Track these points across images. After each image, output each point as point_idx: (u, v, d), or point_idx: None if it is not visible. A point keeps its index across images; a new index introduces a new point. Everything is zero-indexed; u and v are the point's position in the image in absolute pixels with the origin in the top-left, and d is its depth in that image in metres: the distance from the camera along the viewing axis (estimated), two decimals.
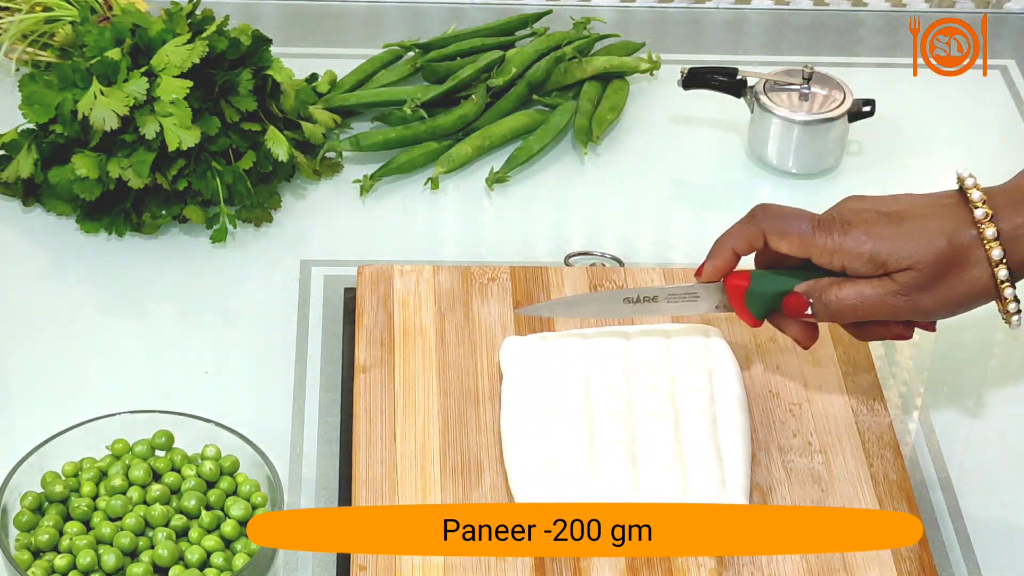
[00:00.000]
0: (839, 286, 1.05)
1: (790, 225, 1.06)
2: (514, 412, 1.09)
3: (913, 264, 1.02)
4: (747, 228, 1.08)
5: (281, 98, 1.35)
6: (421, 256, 1.30)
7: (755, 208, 1.08)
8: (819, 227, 1.05)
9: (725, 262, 1.09)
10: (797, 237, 1.05)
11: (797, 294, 1.06)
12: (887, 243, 1.03)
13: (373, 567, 1.01)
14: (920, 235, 1.02)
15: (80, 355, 1.20)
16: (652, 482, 1.05)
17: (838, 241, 1.04)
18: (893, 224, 1.03)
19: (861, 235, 1.03)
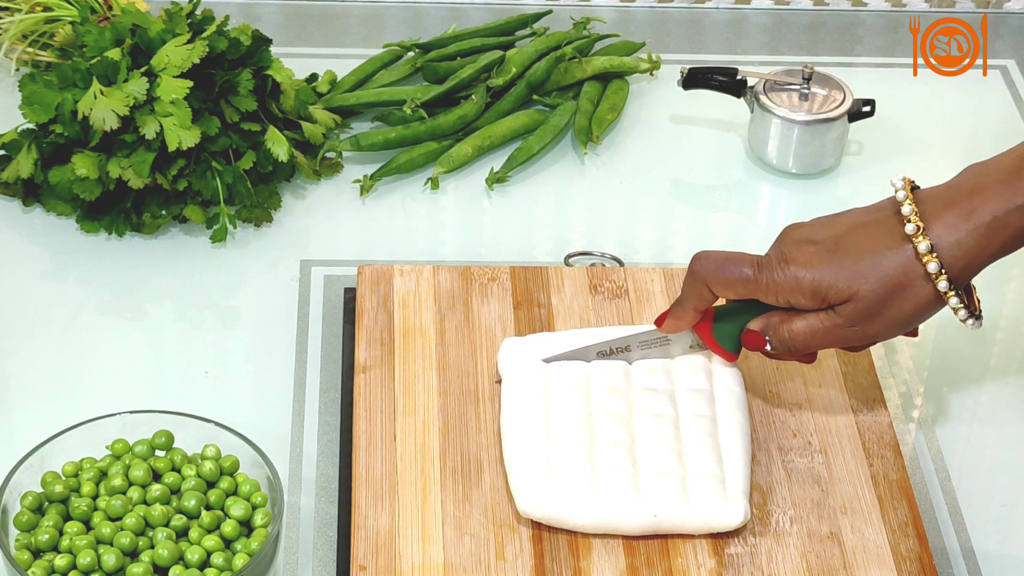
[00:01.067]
0: (790, 321, 1.05)
1: (730, 272, 1.05)
2: (514, 413, 1.09)
3: (852, 296, 1.02)
4: (693, 286, 1.07)
5: (281, 98, 1.35)
6: (421, 256, 1.30)
7: (692, 261, 1.07)
8: (759, 269, 1.04)
9: (686, 320, 1.09)
10: (740, 283, 1.05)
11: (753, 331, 1.07)
12: (825, 275, 1.02)
13: (373, 567, 1.01)
14: (856, 262, 1.02)
15: (80, 355, 1.20)
16: (652, 482, 1.05)
17: (778, 280, 1.03)
18: (828, 252, 1.03)
19: (799, 270, 1.03)
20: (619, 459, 1.06)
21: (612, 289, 1.21)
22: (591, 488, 1.05)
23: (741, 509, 1.04)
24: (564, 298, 1.20)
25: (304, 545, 1.08)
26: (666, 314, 1.10)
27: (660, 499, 1.04)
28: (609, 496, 1.04)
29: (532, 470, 1.05)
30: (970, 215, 1.01)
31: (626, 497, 1.04)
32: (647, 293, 1.21)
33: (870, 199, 1.39)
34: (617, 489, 1.04)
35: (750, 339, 1.07)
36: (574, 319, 1.18)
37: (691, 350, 1.12)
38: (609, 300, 1.20)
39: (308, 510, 1.10)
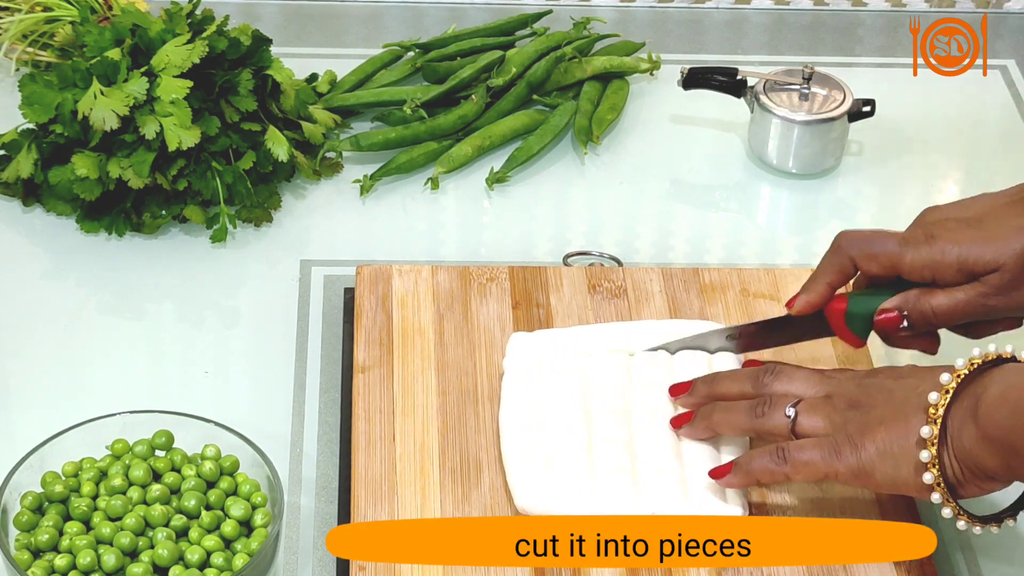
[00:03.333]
0: (930, 295, 1.06)
1: (877, 247, 1.07)
2: (513, 409, 1.09)
3: (999, 266, 1.03)
4: (835, 259, 1.09)
5: (281, 98, 1.35)
6: (421, 256, 1.30)
7: (838, 237, 1.09)
8: (905, 244, 1.06)
9: (820, 296, 1.10)
10: (886, 257, 1.07)
11: (888, 309, 1.07)
12: (972, 249, 1.04)
13: (373, 567, 1.01)
14: (1003, 235, 1.04)
15: (80, 355, 1.20)
16: (650, 480, 1.05)
17: (925, 254, 1.05)
18: (973, 229, 1.05)
19: (946, 244, 1.05)
20: (617, 456, 1.06)
21: (611, 289, 1.21)
22: (589, 485, 1.05)
23: (739, 505, 1.04)
24: (563, 298, 1.20)
25: (304, 545, 1.08)
26: (797, 296, 1.10)
27: (658, 496, 1.04)
28: (607, 493, 1.04)
29: (530, 467, 1.05)
30: None
31: (624, 494, 1.04)
32: (646, 293, 1.21)
33: (870, 199, 1.40)
34: (615, 486, 1.04)
35: (886, 318, 1.07)
36: (572, 319, 1.18)
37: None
38: (608, 300, 1.20)
39: (308, 510, 1.10)
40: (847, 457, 0.99)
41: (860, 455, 0.99)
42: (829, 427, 1.01)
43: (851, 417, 1.00)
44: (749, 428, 1.05)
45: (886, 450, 0.98)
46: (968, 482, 0.97)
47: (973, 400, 0.96)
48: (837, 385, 1.03)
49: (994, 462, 0.95)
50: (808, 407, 1.03)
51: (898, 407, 0.99)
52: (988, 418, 0.94)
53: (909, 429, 0.98)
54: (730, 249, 1.34)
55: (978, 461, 0.96)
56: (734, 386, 1.08)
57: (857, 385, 1.02)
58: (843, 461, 0.99)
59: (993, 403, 0.94)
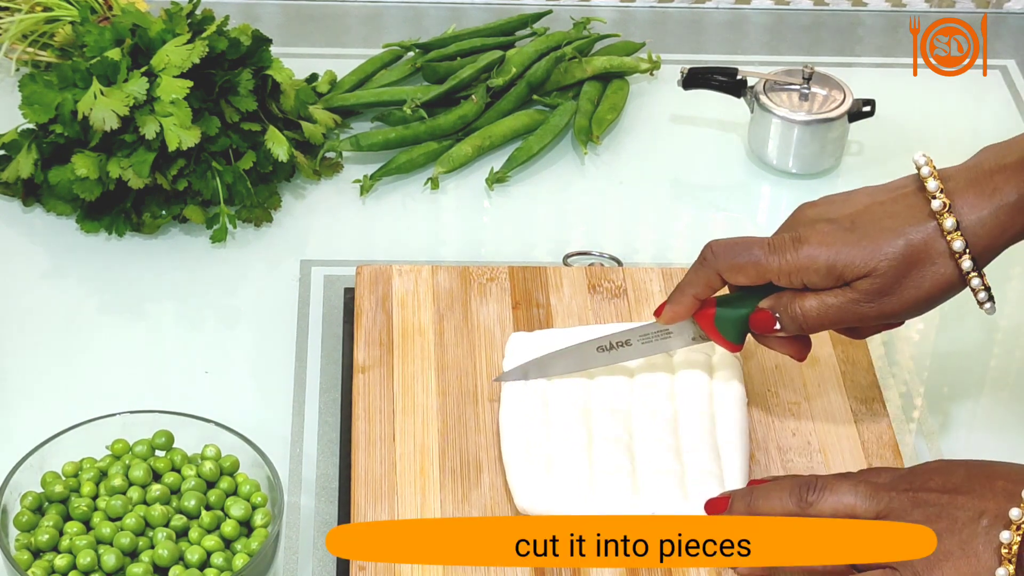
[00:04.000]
0: (802, 298, 1.03)
1: (742, 257, 1.04)
2: (513, 408, 1.09)
3: (870, 271, 1.00)
4: (701, 272, 1.06)
5: (281, 98, 1.35)
6: (421, 256, 1.30)
7: (704, 249, 1.06)
8: (771, 251, 1.03)
9: (685, 308, 1.07)
10: (752, 267, 1.03)
11: (763, 310, 1.05)
12: (841, 254, 1.00)
13: (372, 567, 1.01)
14: (875, 239, 1.00)
15: (80, 355, 1.21)
16: (650, 480, 1.05)
17: (791, 261, 1.02)
18: (845, 231, 1.01)
19: (813, 249, 1.01)
20: (617, 456, 1.06)
21: (611, 289, 1.21)
22: (589, 485, 1.05)
23: None
24: (563, 298, 1.20)
25: (304, 545, 1.08)
26: (665, 304, 1.08)
27: (658, 496, 1.04)
28: (607, 493, 1.04)
29: (530, 467, 1.05)
30: (993, 193, 0.99)
31: (624, 494, 1.04)
32: (646, 293, 1.21)
33: None
34: (615, 486, 1.04)
35: (759, 319, 1.05)
36: (572, 319, 1.18)
37: (693, 342, 1.10)
38: (608, 300, 1.20)
39: (308, 510, 1.10)
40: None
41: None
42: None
43: None
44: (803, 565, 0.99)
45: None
46: None
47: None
48: (891, 503, 0.96)
49: None
50: None
51: (963, 540, 0.93)
52: None
53: (980, 567, 0.92)
54: None
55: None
56: (777, 505, 1.00)
57: (913, 503, 0.95)
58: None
59: None
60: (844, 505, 0.97)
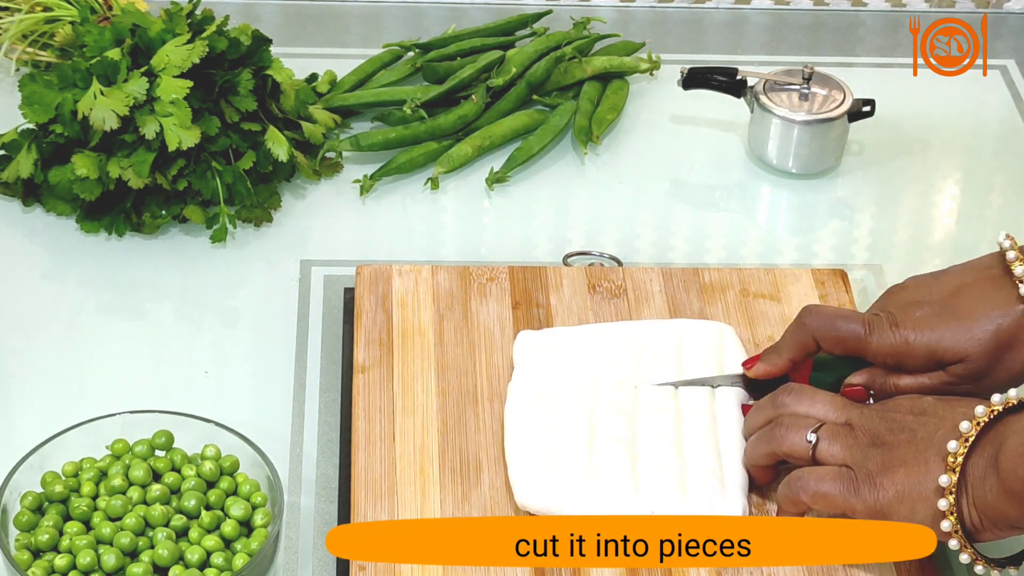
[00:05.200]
0: (897, 378, 1.06)
1: (841, 330, 1.06)
2: (518, 405, 1.09)
3: (965, 357, 1.03)
4: (799, 337, 1.08)
5: (281, 98, 1.35)
6: (421, 256, 1.30)
7: (802, 313, 1.09)
8: (871, 330, 1.05)
9: (778, 369, 1.10)
10: (851, 341, 1.06)
11: (856, 386, 1.07)
12: (938, 338, 1.03)
13: (372, 567, 1.01)
14: (968, 325, 1.03)
15: (80, 355, 1.20)
16: (650, 477, 1.05)
17: (889, 343, 1.04)
18: (938, 317, 1.04)
19: (911, 333, 1.04)
20: (618, 453, 1.06)
21: (611, 289, 1.21)
22: (589, 482, 1.05)
23: (739, 505, 1.04)
24: (563, 298, 1.20)
25: (304, 545, 1.08)
26: (757, 358, 1.10)
27: (658, 494, 1.04)
28: (606, 490, 1.04)
29: (531, 464, 1.06)
30: None
31: (623, 491, 1.04)
32: (646, 293, 1.21)
33: (870, 199, 1.40)
34: (615, 483, 1.05)
35: (851, 392, 1.07)
36: (572, 319, 1.18)
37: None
38: (608, 300, 1.20)
39: (308, 510, 1.10)
40: (865, 496, 0.99)
41: (878, 495, 0.98)
42: (849, 459, 1.00)
43: (872, 455, 0.99)
44: (770, 452, 1.04)
45: (904, 494, 0.98)
46: (987, 529, 0.96)
47: (994, 450, 0.95)
48: (860, 415, 1.02)
49: (1017, 513, 0.94)
50: (830, 434, 1.02)
51: (918, 450, 0.98)
52: (1011, 471, 0.93)
53: (928, 475, 0.97)
54: (730, 249, 1.34)
55: (999, 512, 0.95)
56: (759, 416, 1.07)
57: (881, 418, 1.01)
58: (860, 499, 0.99)
59: (1015, 454, 0.93)
60: (816, 409, 1.04)
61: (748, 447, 1.07)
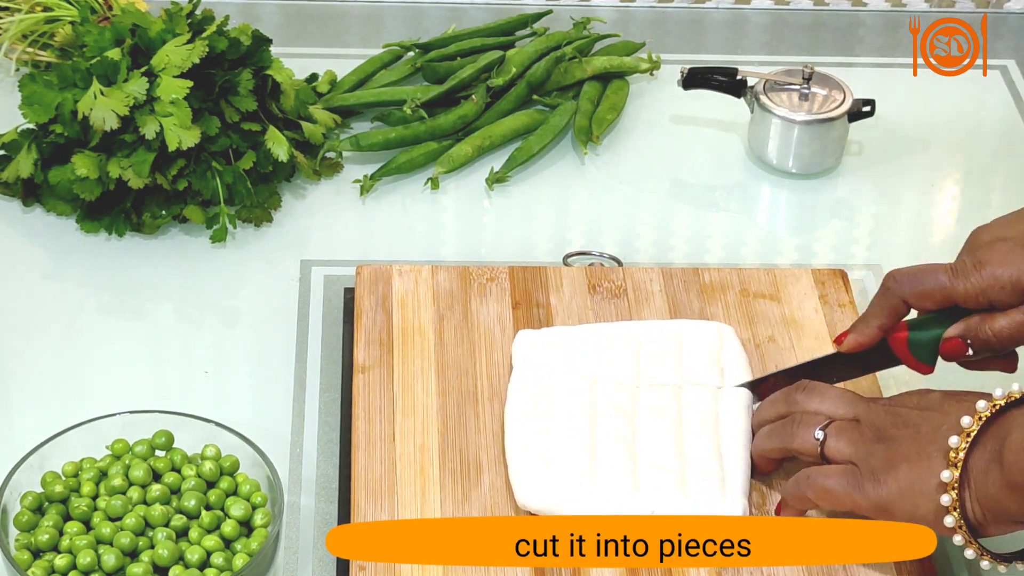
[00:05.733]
0: (992, 320, 1.04)
1: (928, 284, 1.05)
2: (518, 405, 1.09)
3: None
4: (887, 301, 1.07)
5: (281, 98, 1.35)
6: (421, 256, 1.30)
7: (886, 279, 1.07)
8: (955, 275, 1.04)
9: (869, 338, 1.09)
10: (939, 292, 1.05)
11: (952, 339, 1.06)
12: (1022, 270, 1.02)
13: (372, 567, 1.01)
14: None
15: (80, 355, 1.21)
16: (651, 477, 1.05)
17: (976, 283, 1.03)
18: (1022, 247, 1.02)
19: (997, 268, 1.03)
20: (619, 453, 1.06)
21: (611, 289, 1.21)
22: (589, 481, 1.05)
23: (739, 505, 1.04)
24: (563, 298, 1.20)
25: (304, 545, 1.08)
26: (846, 333, 1.09)
27: (658, 494, 1.04)
28: (607, 490, 1.04)
29: (532, 463, 1.06)
30: None
31: (624, 491, 1.04)
32: (646, 293, 1.21)
33: (870, 199, 1.40)
34: (615, 483, 1.05)
35: (950, 346, 1.06)
36: (572, 319, 1.18)
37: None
38: (608, 300, 1.20)
39: (308, 510, 1.10)
40: (868, 492, 0.99)
41: (881, 491, 0.98)
42: (854, 456, 1.01)
43: (876, 450, 0.99)
44: (781, 448, 1.05)
45: (907, 489, 0.97)
46: (991, 524, 0.96)
47: (997, 444, 0.95)
48: (867, 410, 1.02)
49: (1020, 508, 0.94)
50: (837, 430, 1.02)
51: (922, 445, 0.98)
52: (1014, 465, 0.93)
53: (930, 470, 0.97)
54: (730, 249, 1.34)
55: (1003, 507, 0.95)
56: (772, 410, 1.08)
57: (887, 413, 1.01)
58: (864, 495, 0.99)
59: (1019, 448, 0.93)
60: (826, 406, 1.04)
61: (758, 439, 1.07)
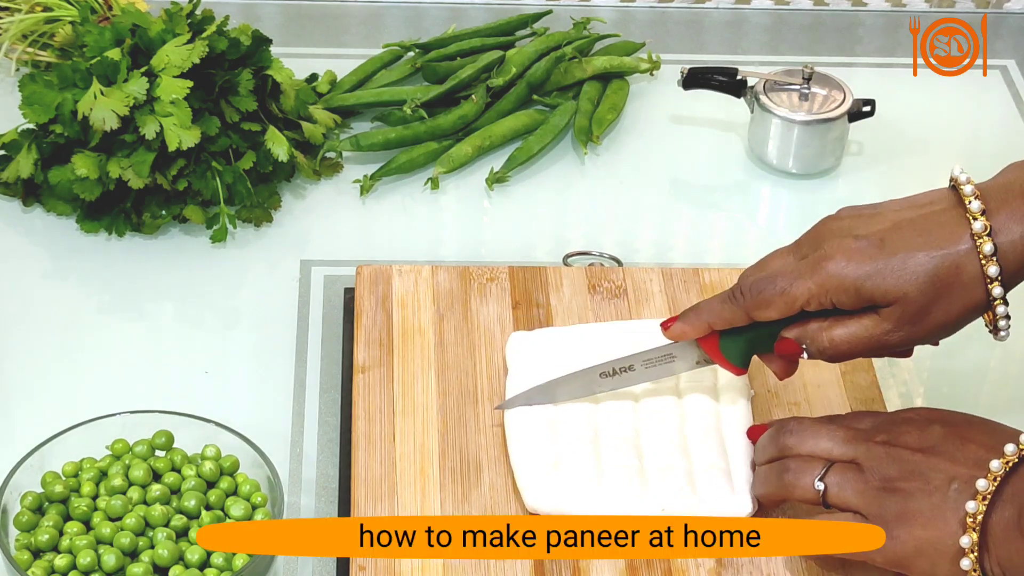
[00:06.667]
0: (830, 329, 1.00)
1: (767, 292, 1.00)
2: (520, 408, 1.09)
3: (900, 298, 0.96)
4: (727, 308, 1.02)
5: (281, 98, 1.35)
6: (421, 256, 1.30)
7: (736, 286, 1.02)
8: (796, 277, 0.99)
9: (695, 330, 1.05)
10: (780, 300, 0.99)
11: (789, 340, 1.02)
12: (869, 274, 0.97)
13: (372, 567, 1.01)
14: (904, 260, 0.96)
15: (80, 355, 1.20)
16: (658, 475, 1.05)
17: (818, 282, 0.98)
18: (874, 248, 0.97)
19: (840, 266, 0.97)
20: (624, 452, 1.06)
21: (611, 289, 1.21)
22: (598, 482, 1.05)
23: (748, 500, 1.05)
24: (563, 298, 1.20)
25: None
26: (675, 319, 1.06)
27: (667, 492, 1.04)
28: (616, 489, 1.04)
29: (538, 466, 1.06)
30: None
31: (633, 490, 1.04)
32: (646, 293, 1.21)
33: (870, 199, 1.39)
34: (624, 482, 1.05)
35: (785, 347, 1.02)
36: (572, 319, 1.18)
37: (697, 366, 1.08)
38: (608, 300, 1.20)
39: (308, 510, 1.10)
40: (884, 547, 0.95)
41: (896, 548, 0.95)
42: (863, 507, 0.97)
43: (886, 503, 0.96)
44: (780, 496, 1.01)
45: (923, 549, 0.94)
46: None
47: (1015, 509, 0.92)
48: (867, 453, 0.98)
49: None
50: (839, 479, 0.98)
51: (934, 504, 0.94)
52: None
53: (947, 532, 0.94)
54: (730, 249, 1.34)
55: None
56: (763, 456, 1.04)
57: (889, 457, 0.97)
58: (879, 551, 0.95)
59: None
60: (821, 449, 0.99)
61: (757, 483, 1.04)
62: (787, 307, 1.00)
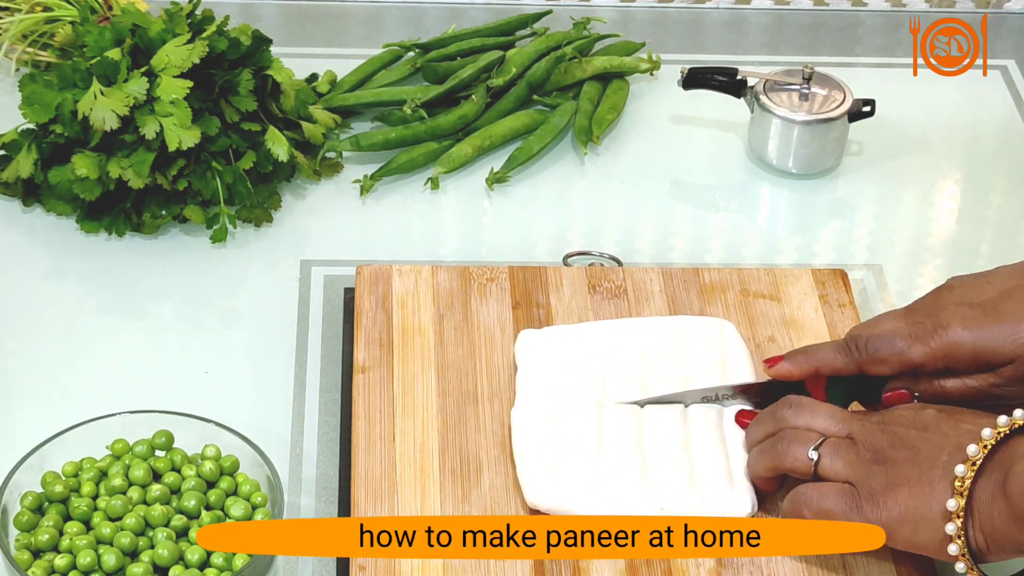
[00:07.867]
0: (942, 379, 1.04)
1: (884, 350, 1.05)
2: (526, 405, 1.09)
3: (1014, 358, 1.01)
4: (841, 359, 1.07)
5: (281, 98, 1.35)
6: (421, 256, 1.30)
7: (848, 339, 1.07)
8: (914, 340, 1.04)
9: (801, 373, 1.09)
10: (895, 359, 1.05)
11: (900, 391, 1.06)
12: (986, 339, 1.02)
13: (372, 567, 1.01)
14: (1017, 326, 1.01)
15: (80, 355, 1.21)
16: (659, 473, 1.05)
17: (935, 348, 1.03)
18: (987, 316, 1.02)
19: (957, 334, 1.02)
20: (627, 451, 1.06)
21: (611, 289, 1.21)
22: (599, 479, 1.05)
23: (748, 499, 1.05)
24: (563, 298, 1.20)
25: None
26: (779, 358, 1.09)
27: (667, 490, 1.04)
28: (617, 487, 1.04)
29: (540, 463, 1.06)
30: None
31: (634, 488, 1.04)
32: (646, 293, 1.21)
33: (870, 199, 1.40)
34: (625, 480, 1.05)
35: (896, 396, 1.06)
36: (573, 319, 1.18)
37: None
38: (608, 300, 1.20)
39: (308, 510, 1.10)
40: (867, 514, 0.97)
41: (881, 515, 0.97)
42: (852, 476, 0.99)
43: (875, 472, 0.98)
44: (773, 467, 1.03)
45: (907, 515, 0.96)
46: (993, 552, 0.95)
47: (1001, 474, 0.94)
48: (861, 428, 1.01)
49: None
50: (832, 449, 1.01)
51: (923, 470, 0.97)
52: (1019, 496, 0.92)
53: (933, 497, 0.96)
54: (730, 249, 1.34)
55: (1008, 537, 0.94)
56: (760, 430, 1.06)
57: (883, 432, 0.99)
58: (863, 517, 0.97)
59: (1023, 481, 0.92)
60: (817, 424, 1.02)
61: (750, 460, 1.06)
62: (901, 367, 1.05)
